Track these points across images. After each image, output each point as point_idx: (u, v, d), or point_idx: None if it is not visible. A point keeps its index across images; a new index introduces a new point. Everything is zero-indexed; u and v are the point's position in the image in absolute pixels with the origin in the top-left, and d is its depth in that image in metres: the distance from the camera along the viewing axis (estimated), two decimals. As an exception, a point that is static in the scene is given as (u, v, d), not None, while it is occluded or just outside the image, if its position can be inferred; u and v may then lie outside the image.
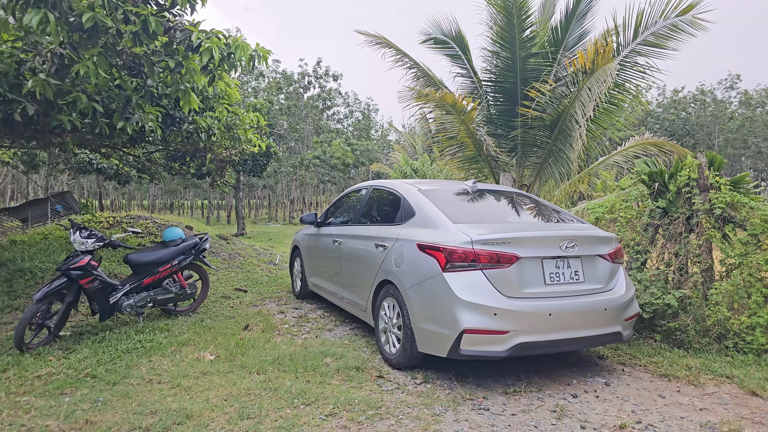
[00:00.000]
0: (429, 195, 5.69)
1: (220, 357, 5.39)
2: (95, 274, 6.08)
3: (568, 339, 4.71)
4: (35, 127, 6.99)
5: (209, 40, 5.70)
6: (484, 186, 6.47)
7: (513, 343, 4.49)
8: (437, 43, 13.11)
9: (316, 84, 47.70)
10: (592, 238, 5.10)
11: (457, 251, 4.65)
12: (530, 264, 4.74)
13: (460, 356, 4.55)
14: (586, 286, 4.92)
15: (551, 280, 4.80)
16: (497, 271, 4.61)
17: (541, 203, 6.30)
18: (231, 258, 11.59)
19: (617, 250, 5.25)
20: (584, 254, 4.97)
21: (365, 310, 6.04)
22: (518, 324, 4.50)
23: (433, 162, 25.67)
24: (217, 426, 3.82)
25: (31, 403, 4.23)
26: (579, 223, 5.69)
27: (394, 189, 6.22)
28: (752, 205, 5.91)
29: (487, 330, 4.46)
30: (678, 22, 10.21)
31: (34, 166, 24.55)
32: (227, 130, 9.70)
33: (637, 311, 5.27)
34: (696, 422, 3.99)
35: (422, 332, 4.84)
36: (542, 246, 4.83)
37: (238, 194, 29.16)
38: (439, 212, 5.24)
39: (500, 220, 5.67)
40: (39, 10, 4.78)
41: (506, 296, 4.56)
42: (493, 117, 12.64)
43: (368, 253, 5.96)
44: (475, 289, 4.56)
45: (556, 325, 4.63)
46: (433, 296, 4.76)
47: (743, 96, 48.73)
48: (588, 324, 4.79)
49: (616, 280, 5.15)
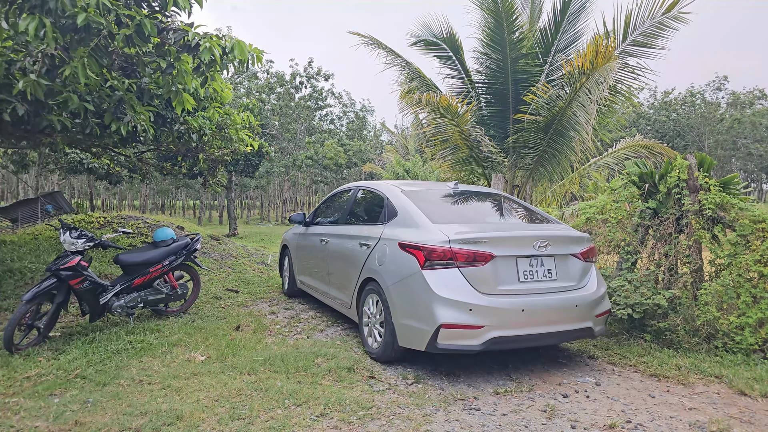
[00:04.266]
0: (411, 196, 5.90)
1: (211, 358, 5.38)
2: (85, 274, 6.05)
3: (540, 334, 4.94)
4: (25, 127, 6.95)
5: (206, 39, 5.68)
6: (465, 188, 6.69)
7: (487, 337, 4.70)
8: (427, 45, 13.11)
9: (308, 84, 47.64)
10: (564, 238, 5.34)
11: (436, 250, 4.87)
12: (505, 262, 4.96)
13: (437, 350, 4.74)
14: (559, 283, 5.16)
15: (525, 277, 5.02)
16: (473, 269, 4.84)
17: (520, 204, 6.53)
18: (222, 258, 11.56)
19: (589, 250, 5.48)
20: (557, 253, 5.20)
21: (350, 307, 6.23)
22: (492, 319, 4.72)
23: (425, 163, 25.69)
24: (207, 427, 3.81)
25: (20, 404, 4.20)
26: (553, 223, 5.90)
27: (378, 190, 6.43)
28: (741, 206, 5.96)
29: (463, 325, 4.68)
30: (664, 20, 10.32)
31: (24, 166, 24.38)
32: (219, 130, 9.68)
33: (608, 308, 5.45)
34: (685, 421, 4.02)
35: (402, 327, 5.04)
36: (516, 245, 5.05)
37: (230, 194, 29.09)
38: (420, 213, 5.46)
39: (478, 220, 5.91)
40: (34, 17, 4.75)
41: (481, 293, 4.79)
42: (486, 118, 12.66)
43: (353, 252, 6.15)
44: (451, 286, 4.77)
45: (529, 321, 4.86)
46: (412, 293, 4.96)
47: (731, 97, 49.05)
48: (560, 320, 5.03)
49: (588, 278, 5.38)
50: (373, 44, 13.01)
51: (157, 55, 6.08)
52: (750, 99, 49.56)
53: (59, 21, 4.99)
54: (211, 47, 5.64)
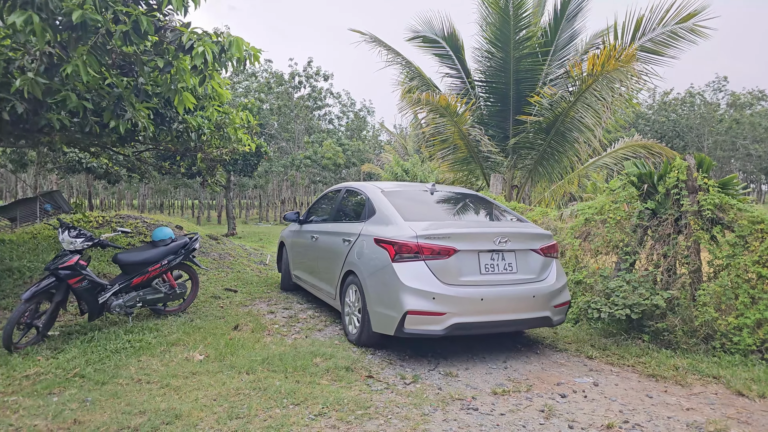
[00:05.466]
0: (389, 196, 6.43)
1: (210, 357, 5.38)
2: (84, 273, 6.05)
3: (499, 321, 5.45)
4: (24, 125, 6.95)
5: (201, 41, 5.67)
6: (442, 188, 7.22)
7: (449, 323, 5.19)
8: (426, 41, 13.07)
9: (307, 84, 47.59)
10: (525, 234, 5.82)
11: (405, 245, 5.37)
12: (467, 256, 5.44)
13: (404, 334, 5.23)
14: (519, 276, 5.62)
15: (486, 270, 5.50)
16: (437, 262, 5.32)
17: (491, 204, 6.98)
18: (221, 258, 11.55)
19: (550, 246, 5.92)
20: (517, 248, 5.67)
21: (335, 298, 6.71)
22: (453, 307, 5.20)
23: (424, 162, 25.68)
24: (206, 426, 3.81)
25: (19, 403, 4.20)
26: (520, 222, 6.45)
27: (362, 190, 6.97)
28: (740, 207, 5.96)
29: (427, 312, 5.17)
30: (678, 30, 10.16)
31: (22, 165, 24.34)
32: (217, 129, 9.68)
33: (567, 300, 5.92)
34: (683, 422, 4.02)
35: (375, 314, 5.55)
36: (478, 241, 5.53)
37: (228, 194, 29.05)
38: (395, 211, 5.97)
39: (446, 218, 6.40)
40: (24, 12, 4.75)
41: (444, 283, 5.27)
42: (485, 118, 12.66)
43: (337, 247, 6.66)
44: (417, 277, 5.26)
45: (488, 309, 5.34)
46: (384, 283, 5.46)
47: (731, 98, 49.07)
48: (518, 308, 5.51)
49: (548, 272, 5.82)
50: (373, 42, 13.03)
51: (155, 53, 6.08)
52: (750, 100, 49.58)
53: (55, 18, 4.98)
54: (204, 51, 5.61)
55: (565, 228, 7.89)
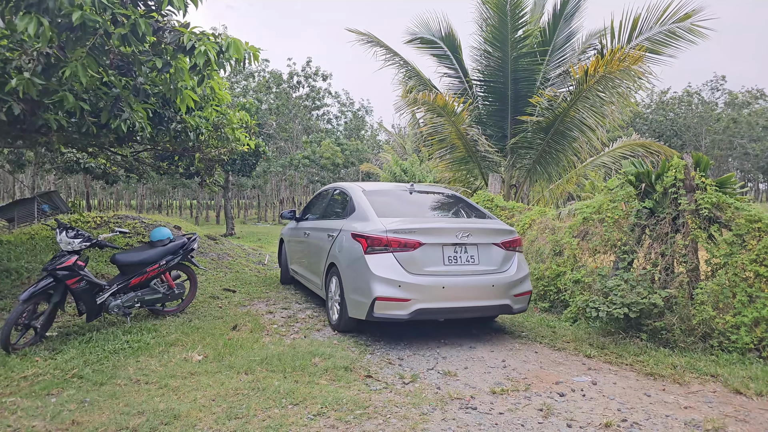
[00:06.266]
0: (369, 195, 6.97)
1: (208, 357, 5.37)
2: (82, 274, 6.04)
3: (460, 307, 5.99)
4: (21, 126, 6.93)
5: (201, 41, 5.65)
6: (420, 188, 7.79)
7: (413, 308, 5.73)
8: (424, 42, 13.07)
9: (306, 84, 47.56)
10: (487, 230, 6.35)
11: (376, 238, 5.93)
12: (432, 249, 5.97)
13: (373, 318, 5.80)
14: (481, 267, 6.13)
15: (449, 261, 6.01)
16: (404, 254, 5.87)
17: (463, 202, 7.46)
18: (219, 258, 11.55)
19: (512, 241, 6.42)
20: (480, 242, 6.19)
21: (321, 288, 7.25)
22: (417, 294, 5.74)
23: (422, 162, 25.69)
24: (204, 426, 3.81)
25: (17, 404, 4.20)
26: (488, 219, 6.91)
27: (346, 190, 7.56)
28: (737, 206, 5.97)
29: (393, 298, 5.72)
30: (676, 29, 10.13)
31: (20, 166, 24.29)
32: (215, 129, 9.67)
33: (528, 290, 6.40)
34: (681, 420, 4.03)
35: (351, 301, 6.10)
36: (442, 235, 6.06)
37: (227, 194, 29.07)
38: (371, 208, 6.52)
39: (416, 214, 6.86)
40: (31, 16, 4.73)
41: (410, 273, 5.81)
42: (483, 117, 12.66)
43: (323, 242, 7.23)
44: (386, 267, 5.81)
45: (449, 296, 5.85)
46: (358, 273, 6.01)
47: (728, 97, 49.10)
48: (477, 296, 6.02)
49: (509, 264, 6.32)
50: (371, 42, 13.01)
51: (154, 53, 6.06)
52: (748, 99, 49.62)
53: (55, 19, 4.97)
54: (206, 50, 5.61)
55: (563, 227, 7.89)
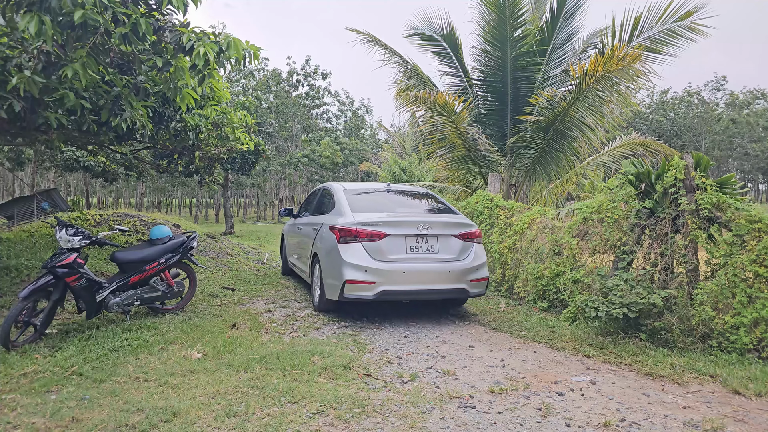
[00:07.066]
0: (348, 193, 7.83)
1: (208, 355, 5.38)
2: (81, 271, 6.04)
3: (419, 290, 6.87)
4: (21, 123, 6.93)
5: (200, 41, 5.64)
6: (396, 187, 8.62)
7: (378, 290, 6.63)
8: (425, 39, 13.03)
9: (305, 82, 47.50)
10: (446, 223, 7.20)
11: (346, 230, 6.84)
12: (395, 239, 6.85)
13: (344, 299, 6.71)
14: (440, 255, 7.00)
15: (411, 250, 6.89)
16: (371, 243, 6.76)
17: (432, 198, 8.38)
18: (219, 256, 11.56)
19: (470, 233, 7.24)
20: (440, 234, 7.05)
21: (308, 276, 8.15)
22: (381, 278, 6.62)
23: (421, 161, 25.67)
24: (203, 424, 3.82)
25: (17, 401, 4.20)
26: (451, 214, 7.66)
27: (331, 189, 8.39)
28: (737, 206, 5.96)
29: (360, 281, 6.61)
30: (676, 28, 10.10)
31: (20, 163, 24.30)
32: (215, 128, 9.68)
33: (485, 276, 7.24)
34: (680, 420, 4.03)
35: (327, 284, 7.03)
36: (405, 227, 6.94)
37: (226, 193, 29.05)
38: (347, 205, 7.39)
39: (387, 210, 7.53)
40: (32, 14, 4.72)
41: (375, 260, 6.69)
42: (483, 116, 12.64)
43: (310, 235, 8.09)
44: (355, 255, 6.70)
45: (409, 280, 6.73)
46: (332, 260, 6.89)
47: (729, 97, 49.06)
48: (435, 281, 6.89)
49: (468, 254, 7.14)
50: (371, 41, 13.00)
51: (154, 52, 6.06)
52: (749, 99, 49.57)
53: (56, 18, 4.97)
54: (206, 51, 5.60)
55: (562, 227, 7.89)
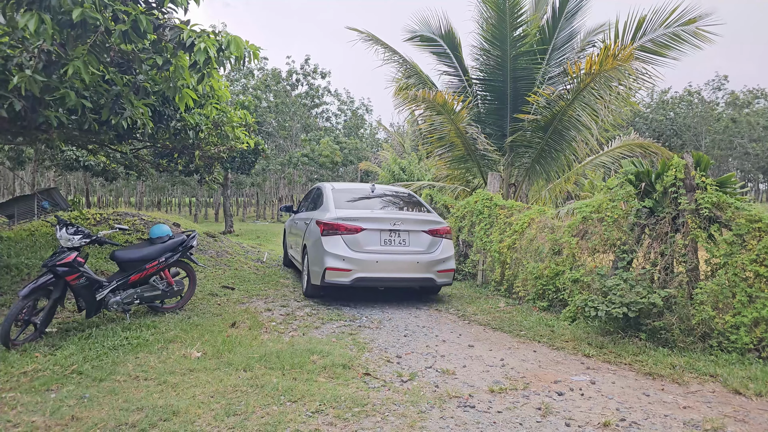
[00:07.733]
0: (335, 192, 8.78)
1: (207, 354, 5.38)
2: (81, 270, 6.03)
3: (390, 278, 7.83)
4: (22, 122, 6.93)
5: (201, 38, 5.63)
6: (380, 187, 9.44)
7: (353, 277, 7.58)
8: (424, 40, 13.04)
9: (304, 81, 47.46)
10: (416, 220, 8.14)
11: (329, 224, 7.77)
12: (371, 233, 7.80)
13: (326, 284, 7.66)
14: (411, 248, 7.96)
15: (384, 243, 7.85)
16: (349, 236, 7.71)
17: (409, 197, 9.29)
18: (218, 255, 11.56)
19: (438, 229, 8.17)
20: (411, 229, 7.99)
21: (300, 264, 9.09)
22: (356, 266, 7.58)
23: (421, 160, 25.67)
24: (203, 422, 3.82)
25: (17, 399, 4.20)
26: (424, 212, 8.62)
27: (322, 188, 9.31)
28: (738, 206, 5.95)
29: (339, 268, 7.56)
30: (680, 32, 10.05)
31: (20, 162, 24.31)
32: (215, 127, 9.67)
33: (451, 268, 8.21)
34: (680, 420, 4.03)
35: (312, 271, 8.02)
36: (379, 222, 7.87)
37: (226, 192, 29.05)
38: (332, 202, 8.35)
39: (367, 207, 8.45)
40: (32, 13, 4.72)
41: (352, 250, 7.65)
42: (482, 116, 12.64)
43: (302, 228, 9.11)
44: (335, 246, 7.66)
45: (381, 268, 7.68)
46: (317, 250, 7.83)
47: (729, 97, 49.03)
48: (405, 270, 7.84)
49: (436, 248, 8.09)
50: (370, 40, 13.00)
51: (154, 51, 6.05)
52: (749, 99, 49.53)
53: (56, 17, 4.96)
54: (207, 47, 5.59)
55: (562, 226, 7.89)
